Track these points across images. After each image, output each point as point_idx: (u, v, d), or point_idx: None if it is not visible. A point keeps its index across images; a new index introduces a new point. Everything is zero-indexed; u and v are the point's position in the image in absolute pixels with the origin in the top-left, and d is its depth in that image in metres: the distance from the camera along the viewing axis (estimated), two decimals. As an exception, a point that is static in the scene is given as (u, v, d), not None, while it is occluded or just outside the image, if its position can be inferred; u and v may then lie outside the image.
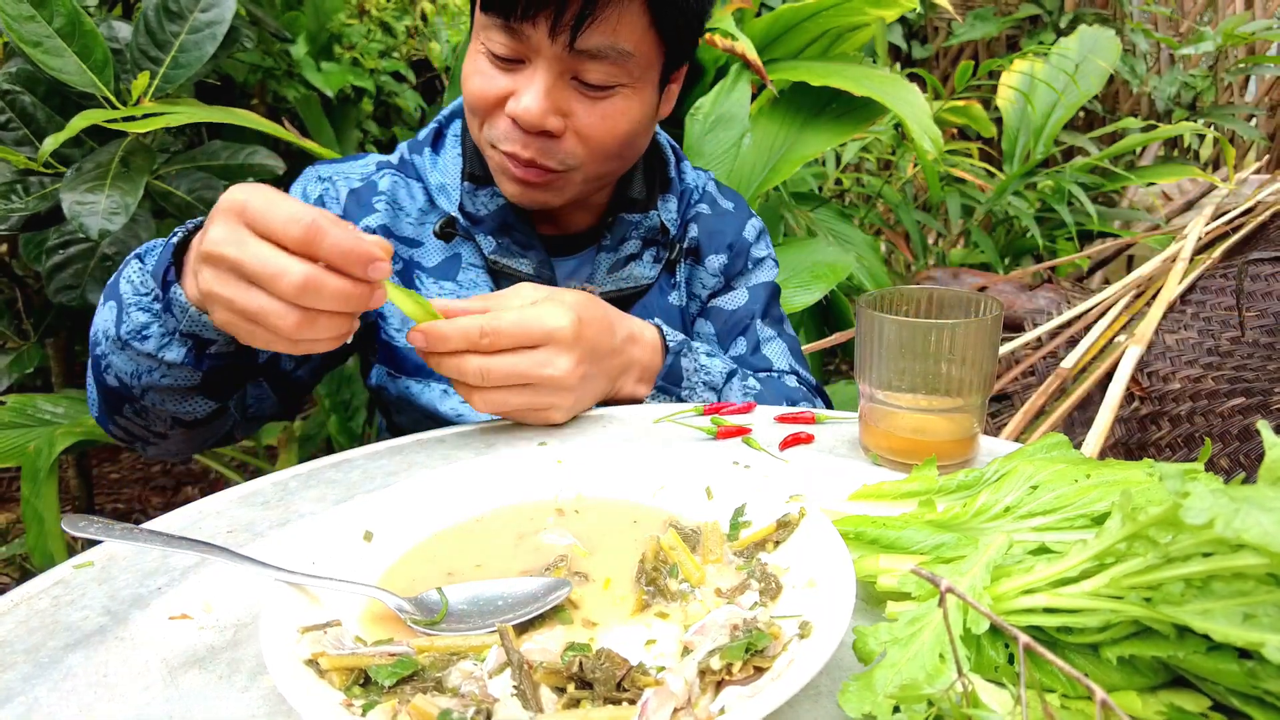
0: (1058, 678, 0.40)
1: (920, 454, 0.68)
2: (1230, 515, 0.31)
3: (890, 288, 0.75)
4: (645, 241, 1.07)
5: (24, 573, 1.91)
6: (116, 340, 0.80)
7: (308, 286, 0.63)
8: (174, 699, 0.47)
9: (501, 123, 0.90)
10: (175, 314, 0.76)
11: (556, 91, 0.87)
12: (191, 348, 0.79)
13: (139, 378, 0.82)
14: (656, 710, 0.40)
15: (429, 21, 2.88)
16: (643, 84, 0.92)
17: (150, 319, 0.78)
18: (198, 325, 0.77)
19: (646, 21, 0.86)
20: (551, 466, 0.65)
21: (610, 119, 0.91)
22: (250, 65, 2.32)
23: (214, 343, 0.79)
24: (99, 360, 0.84)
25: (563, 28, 0.83)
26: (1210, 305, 1.79)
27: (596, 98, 0.89)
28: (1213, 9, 4.01)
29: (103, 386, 0.85)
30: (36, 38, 1.36)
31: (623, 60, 0.87)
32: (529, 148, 0.89)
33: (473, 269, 1.03)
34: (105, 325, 0.82)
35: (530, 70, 0.87)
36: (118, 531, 0.51)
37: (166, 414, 0.86)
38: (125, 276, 0.80)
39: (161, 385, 0.82)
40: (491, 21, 0.86)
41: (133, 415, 0.88)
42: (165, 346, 0.78)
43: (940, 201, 2.74)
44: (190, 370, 0.81)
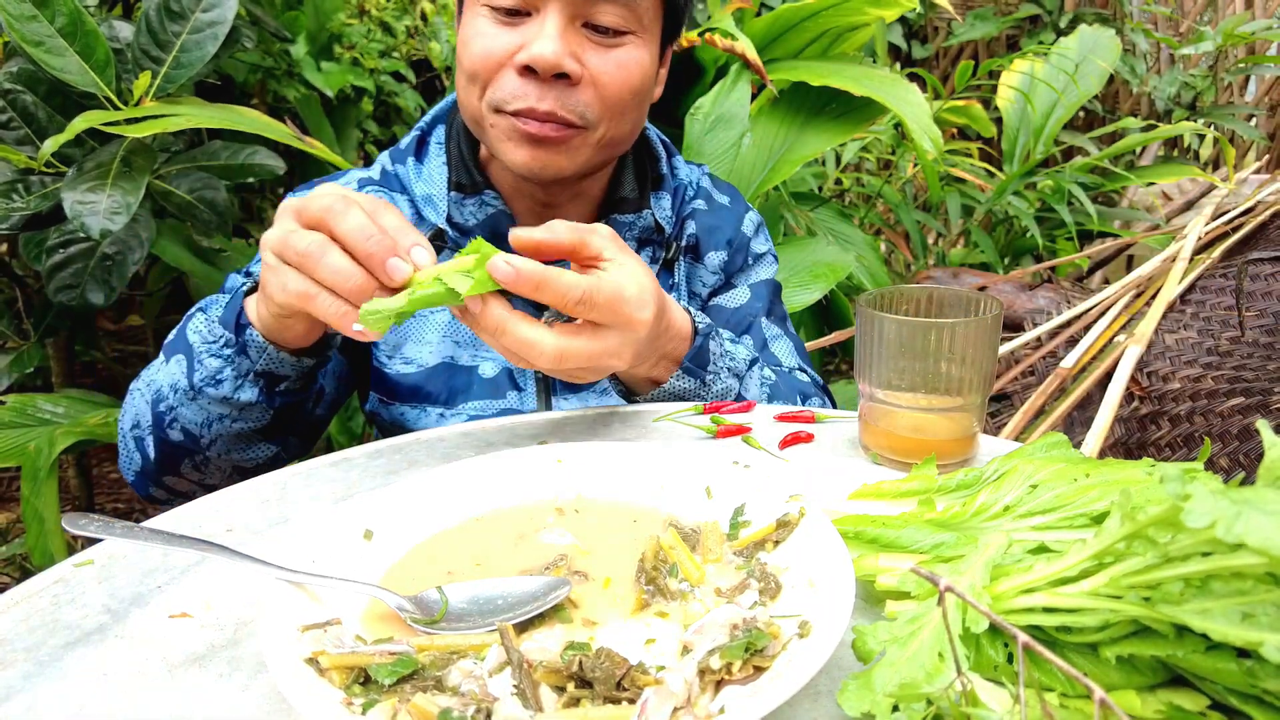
0: (1057, 677, 0.40)
1: (920, 453, 0.68)
2: (1231, 519, 0.31)
3: (890, 287, 0.76)
4: (640, 242, 1.06)
5: (24, 572, 1.91)
6: (189, 390, 0.82)
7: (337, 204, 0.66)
8: (174, 697, 0.47)
9: (510, 80, 0.88)
10: (251, 354, 0.80)
11: (570, 37, 0.86)
12: (263, 387, 0.83)
13: (209, 426, 0.85)
14: (656, 709, 0.40)
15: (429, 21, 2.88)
16: (649, 36, 0.91)
17: (223, 364, 0.81)
18: (274, 362, 0.81)
19: None
20: (551, 466, 0.65)
21: (624, 67, 0.89)
22: (250, 65, 2.32)
23: (285, 379, 0.83)
24: (162, 417, 0.86)
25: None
26: (1210, 305, 1.79)
27: (609, 45, 0.88)
28: (1213, 9, 4.01)
29: (164, 445, 0.87)
30: (38, 37, 1.36)
31: (634, 3, 0.87)
32: (545, 98, 0.87)
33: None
34: (174, 379, 0.84)
35: (538, 19, 0.86)
36: (118, 530, 0.51)
37: (228, 464, 0.89)
38: (191, 328, 0.84)
39: (232, 432, 0.85)
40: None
41: (190, 470, 0.89)
42: (240, 388, 0.82)
43: (940, 201, 2.74)
44: (263, 409, 0.84)
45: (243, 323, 0.80)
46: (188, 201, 1.61)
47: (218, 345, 0.82)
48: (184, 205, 1.61)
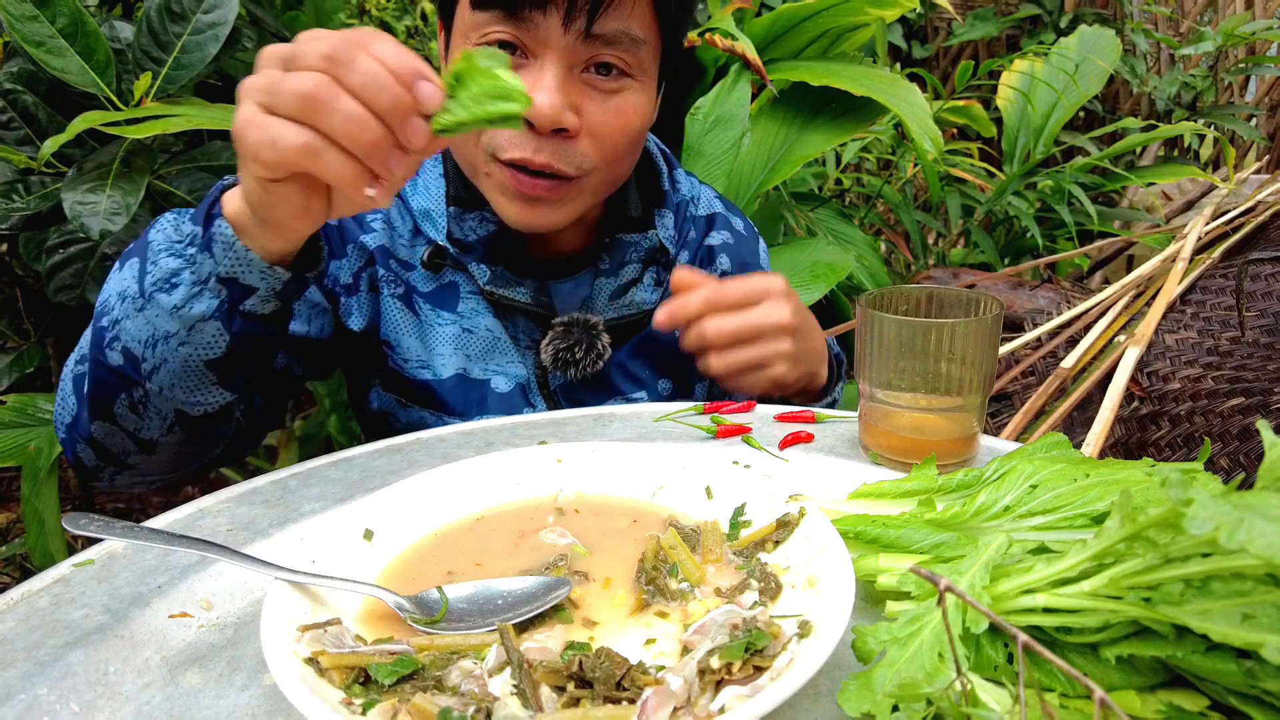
0: (1057, 677, 0.40)
1: (920, 453, 0.68)
2: (1234, 525, 0.31)
3: (890, 287, 0.76)
4: (644, 262, 1.04)
5: (24, 572, 1.91)
6: (138, 297, 0.71)
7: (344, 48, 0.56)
8: (174, 697, 0.47)
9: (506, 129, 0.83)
10: (215, 252, 0.68)
11: (570, 87, 0.83)
12: (224, 300, 0.70)
13: (153, 346, 0.72)
14: (656, 709, 0.40)
15: (429, 21, 2.88)
16: (648, 79, 0.89)
17: (182, 264, 0.70)
18: (241, 264, 0.69)
19: (651, 13, 0.85)
20: (551, 465, 0.65)
21: (623, 115, 0.87)
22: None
23: (251, 293, 0.71)
24: (103, 333, 0.74)
25: (578, 12, 0.79)
26: (1210, 305, 1.79)
27: (609, 92, 0.86)
28: (1213, 9, 4.01)
29: (99, 370, 0.75)
30: (39, 38, 1.36)
31: (635, 48, 0.84)
32: (541, 151, 0.84)
33: (472, 297, 0.98)
34: (123, 285, 0.73)
35: (537, 66, 0.82)
36: (118, 530, 0.51)
37: (170, 407, 0.76)
38: (156, 228, 0.74)
39: (177, 360, 0.72)
40: (488, 16, 0.81)
41: (126, 413, 0.77)
42: (195, 296, 0.70)
43: (940, 201, 2.74)
44: (218, 331, 0.71)
45: (214, 213, 0.69)
46: (188, 202, 1.61)
47: (182, 244, 0.71)
48: (184, 205, 1.61)
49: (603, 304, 1.01)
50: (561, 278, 1.02)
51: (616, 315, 1.01)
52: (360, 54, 0.56)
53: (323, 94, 0.55)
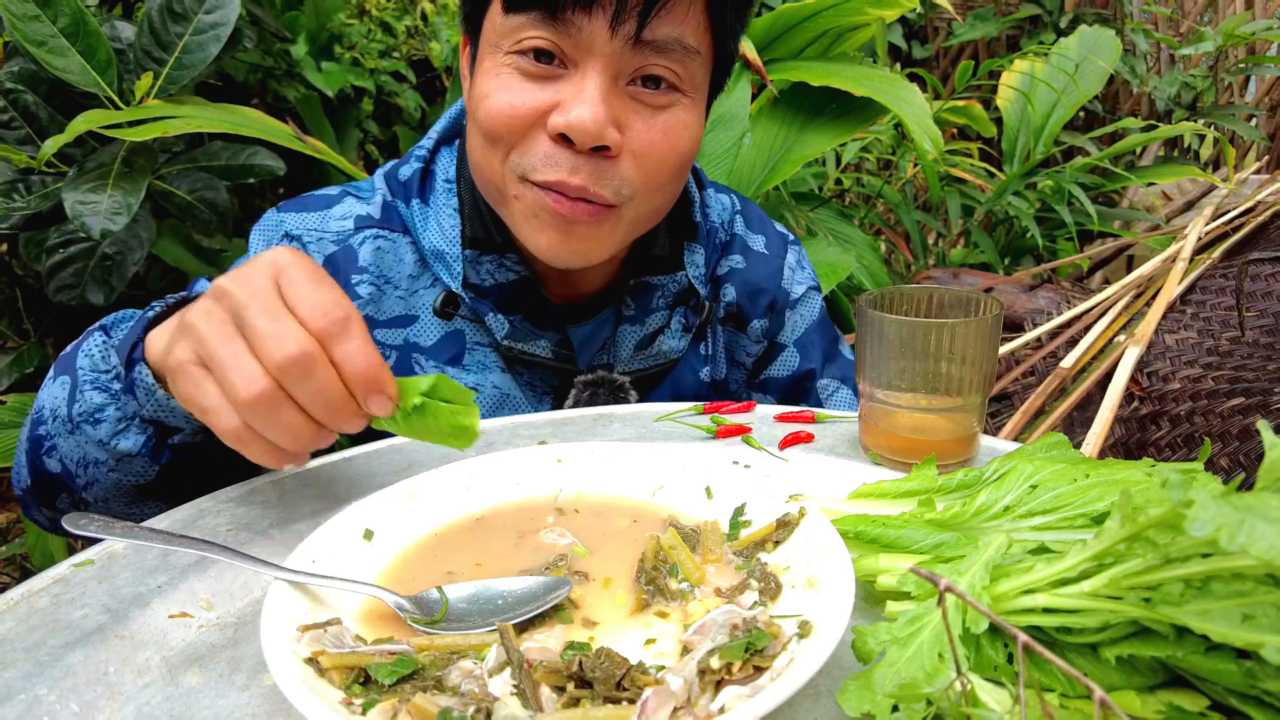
0: (1057, 677, 0.40)
1: (920, 453, 0.68)
2: (1235, 527, 0.30)
3: (890, 287, 0.75)
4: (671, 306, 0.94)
5: (24, 572, 1.91)
6: (67, 421, 0.69)
7: (302, 362, 0.53)
8: (174, 697, 0.47)
9: (540, 145, 0.75)
10: (138, 396, 0.66)
11: (613, 99, 0.74)
12: (151, 436, 0.68)
13: (85, 468, 0.71)
14: (656, 709, 0.40)
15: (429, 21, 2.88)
16: (698, 95, 0.80)
17: (107, 400, 0.68)
18: (163, 410, 0.67)
19: (706, 20, 0.76)
20: (551, 465, 0.65)
21: (671, 134, 0.78)
22: (250, 65, 2.32)
23: (178, 431, 0.69)
24: (41, 441, 0.72)
25: (628, 14, 0.71)
26: (1210, 305, 1.79)
27: (657, 107, 0.77)
28: (1213, 9, 4.01)
29: (39, 471, 0.73)
30: (40, 37, 1.37)
31: (687, 59, 0.76)
32: (579, 172, 0.75)
33: (480, 349, 0.89)
34: (55, 403, 0.71)
35: (578, 76, 0.73)
36: (118, 530, 0.51)
37: (109, 512, 0.74)
38: (84, 350, 0.71)
39: (109, 482, 0.71)
40: (523, 20, 0.73)
41: (69, 507, 0.75)
42: (120, 433, 0.68)
43: (940, 201, 2.74)
44: (146, 463, 0.69)
45: (135, 356, 0.66)
46: (188, 202, 1.61)
47: (107, 377, 0.69)
48: (184, 205, 1.61)
49: (627, 354, 0.93)
50: (581, 321, 0.94)
51: (642, 367, 0.94)
52: (318, 367, 0.53)
53: (265, 405, 0.53)
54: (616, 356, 0.93)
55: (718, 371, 1.01)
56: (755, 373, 1.04)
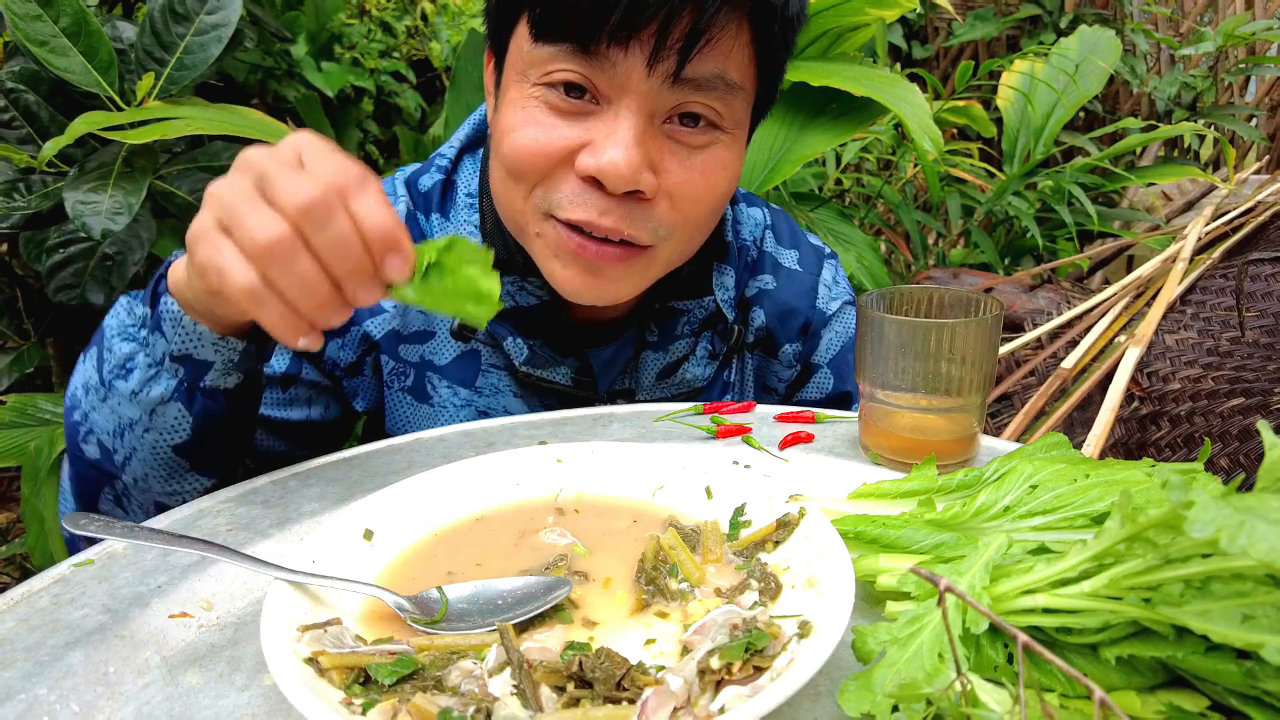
0: (1057, 677, 0.40)
1: (920, 453, 0.68)
2: (1235, 529, 0.30)
3: (891, 288, 0.75)
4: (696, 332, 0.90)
5: (24, 572, 1.91)
6: (99, 387, 0.68)
7: (321, 205, 0.52)
8: (174, 697, 0.47)
9: (568, 184, 0.71)
10: (165, 330, 0.65)
11: (648, 139, 0.69)
12: (183, 379, 0.66)
13: (121, 435, 0.68)
14: (656, 709, 0.40)
15: (429, 21, 2.88)
16: (739, 131, 0.76)
17: (135, 348, 0.67)
18: (190, 339, 0.65)
19: (751, 52, 0.71)
20: (551, 465, 0.65)
21: (710, 174, 0.73)
22: (250, 65, 2.32)
23: (208, 368, 0.67)
24: (76, 427, 0.71)
25: (668, 52, 0.65)
26: (1210, 305, 1.79)
27: (695, 145, 0.72)
28: (1213, 9, 4.01)
29: (79, 465, 0.72)
30: (42, 37, 1.37)
31: (729, 96, 0.71)
32: (610, 214, 0.70)
33: (494, 372, 0.87)
34: (86, 376, 0.70)
35: (611, 113, 0.69)
36: (118, 530, 0.51)
37: (149, 499, 0.72)
38: (112, 312, 0.70)
39: (146, 448, 0.69)
40: (555, 52, 0.68)
41: (111, 507, 0.74)
42: (152, 380, 0.66)
43: (940, 201, 2.74)
44: (180, 414, 0.67)
45: (159, 290, 0.65)
46: (188, 202, 1.61)
47: (135, 328, 0.67)
48: (185, 206, 1.61)
49: (649, 382, 0.90)
50: (602, 344, 0.89)
51: (663, 394, 0.91)
52: (336, 213, 0.52)
53: (283, 250, 0.52)
54: (638, 383, 0.90)
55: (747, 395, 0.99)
56: (787, 397, 1.00)
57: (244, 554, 0.51)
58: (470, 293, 0.56)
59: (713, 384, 0.94)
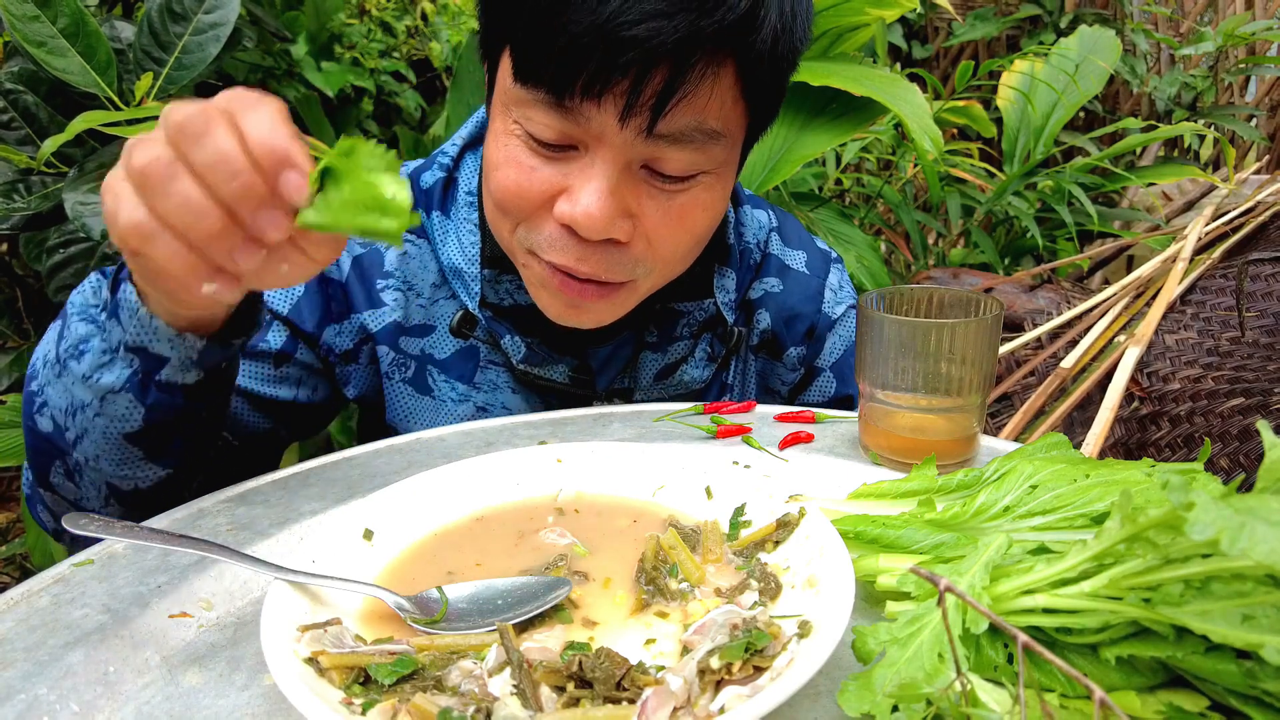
0: (1056, 677, 0.40)
1: (920, 453, 0.68)
2: (1236, 531, 0.30)
3: (891, 288, 0.76)
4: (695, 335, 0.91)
5: (24, 572, 1.91)
6: (55, 363, 0.66)
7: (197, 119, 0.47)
8: (174, 697, 0.47)
9: (548, 227, 0.72)
10: (122, 318, 0.62)
11: (625, 188, 0.69)
12: (137, 370, 0.63)
13: (73, 415, 0.66)
14: (656, 709, 0.40)
15: (429, 21, 2.88)
16: (726, 167, 0.75)
17: (92, 330, 0.64)
18: (145, 332, 0.62)
19: (736, 92, 0.69)
20: (551, 465, 0.65)
21: (689, 216, 0.73)
22: (250, 65, 2.32)
23: (163, 363, 0.63)
24: (33, 398, 0.69)
25: (640, 108, 0.65)
26: (1210, 305, 1.79)
27: (673, 190, 0.72)
28: (1213, 9, 4.01)
29: (32, 437, 0.70)
30: (40, 37, 1.36)
31: (708, 143, 0.69)
32: (587, 260, 0.71)
33: (492, 368, 0.88)
34: (47, 349, 0.67)
35: (587, 160, 0.69)
36: (118, 529, 0.51)
37: (100, 478, 0.69)
38: (78, 289, 0.68)
39: (96, 431, 0.66)
40: (532, 97, 0.67)
41: (62, 480, 0.71)
42: (105, 366, 0.63)
43: (940, 201, 2.74)
44: (131, 403, 0.64)
45: (121, 276, 0.62)
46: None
47: (95, 309, 0.65)
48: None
49: (647, 382, 0.90)
50: (601, 343, 0.90)
51: (662, 396, 0.92)
52: (216, 128, 0.48)
53: (158, 171, 0.48)
54: (636, 383, 0.91)
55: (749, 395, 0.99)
56: (789, 400, 1.01)
57: (244, 554, 0.51)
58: (376, 202, 0.49)
59: (711, 386, 0.95)
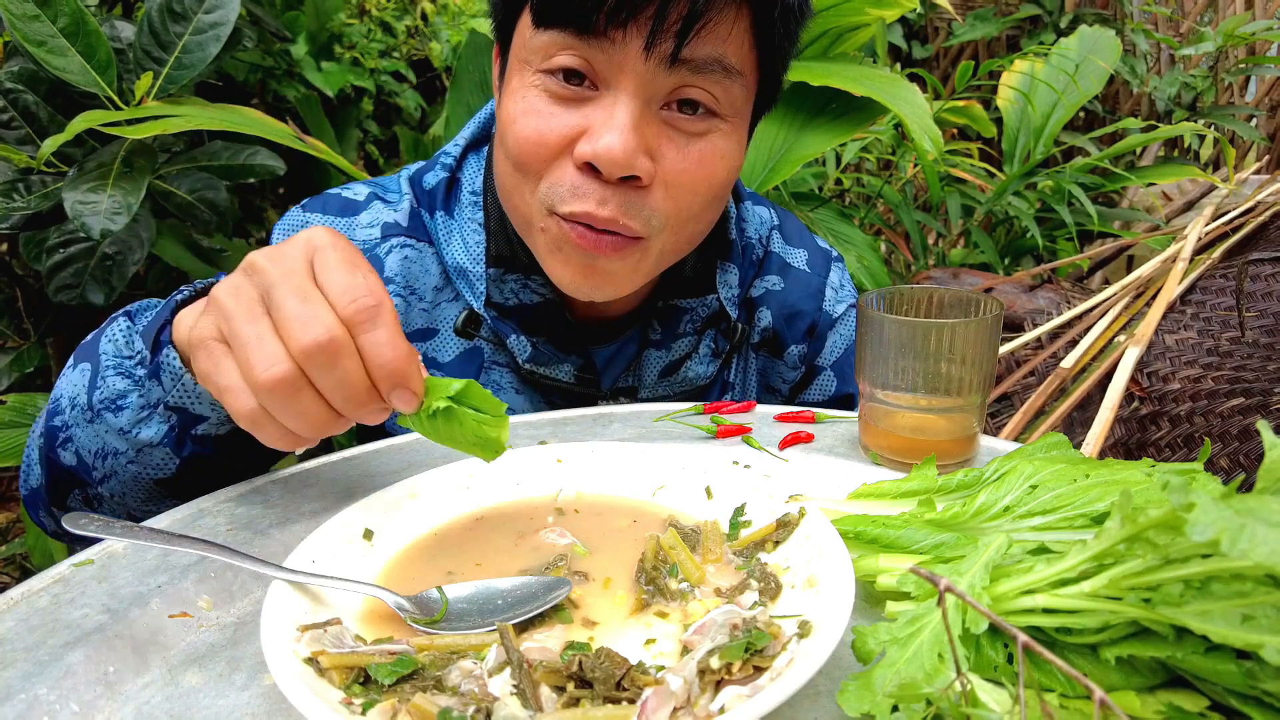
0: (1056, 677, 0.40)
1: (920, 453, 0.68)
2: (1236, 532, 0.30)
3: (890, 288, 0.76)
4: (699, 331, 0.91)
5: (24, 572, 1.91)
6: (86, 409, 0.66)
7: (327, 349, 0.50)
8: (174, 697, 0.47)
9: (566, 174, 0.72)
10: (164, 381, 0.64)
11: (645, 125, 0.70)
12: (174, 426, 0.65)
13: (104, 459, 0.68)
14: (656, 709, 0.40)
15: (429, 21, 2.88)
16: (739, 120, 0.76)
17: (130, 386, 0.65)
18: (188, 396, 0.64)
19: (751, 39, 0.72)
20: (551, 465, 0.65)
21: (707, 163, 0.74)
22: (250, 65, 2.32)
23: (202, 420, 0.66)
24: (56, 432, 0.69)
25: (665, 33, 0.66)
26: (1210, 305, 1.79)
27: (692, 134, 0.73)
28: (1213, 9, 4.01)
29: (55, 466, 0.70)
30: (40, 37, 1.36)
31: (728, 81, 0.71)
32: (607, 204, 0.71)
33: (496, 369, 0.87)
34: (74, 390, 0.68)
35: (609, 98, 0.70)
36: (118, 529, 0.51)
37: (123, 510, 0.72)
38: (108, 335, 0.68)
39: (128, 475, 0.68)
40: (554, 39, 0.69)
41: (79, 506, 0.73)
42: (143, 421, 0.65)
43: (940, 201, 2.74)
44: (167, 455, 0.67)
45: (163, 339, 0.64)
46: (188, 201, 1.61)
47: (130, 362, 0.66)
48: (184, 205, 1.61)
49: (651, 380, 0.91)
50: (605, 342, 0.90)
51: (666, 393, 0.92)
52: (343, 356, 0.51)
53: (285, 390, 0.51)
54: (641, 381, 0.91)
55: (746, 399, 0.99)
56: (790, 398, 1.01)
57: (244, 554, 0.51)
58: (478, 438, 0.56)
59: (713, 384, 0.95)
